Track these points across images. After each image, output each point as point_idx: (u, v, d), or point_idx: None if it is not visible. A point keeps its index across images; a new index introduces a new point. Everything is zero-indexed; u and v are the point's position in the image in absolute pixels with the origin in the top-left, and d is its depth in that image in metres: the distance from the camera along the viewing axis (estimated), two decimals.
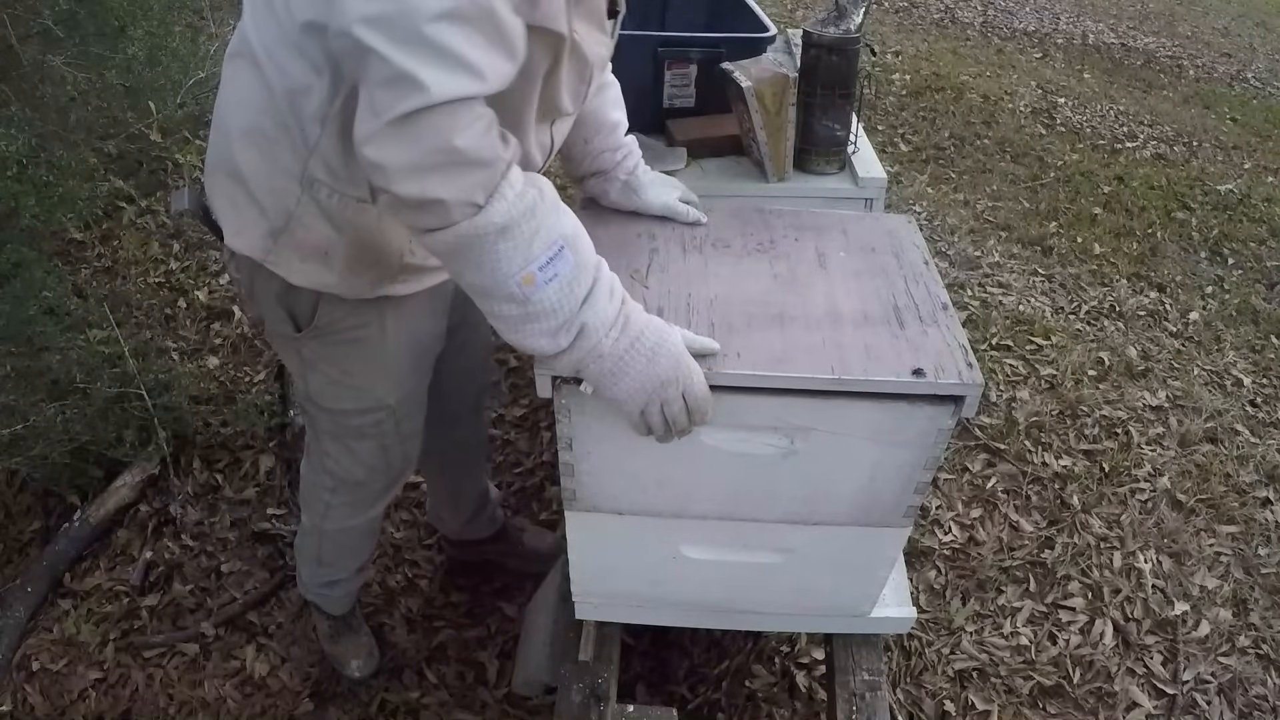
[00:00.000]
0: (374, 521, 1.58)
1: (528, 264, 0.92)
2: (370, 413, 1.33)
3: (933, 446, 1.09)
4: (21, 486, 2.06)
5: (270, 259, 1.12)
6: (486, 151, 0.88)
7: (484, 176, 0.88)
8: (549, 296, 0.93)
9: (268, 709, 1.71)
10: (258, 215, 1.09)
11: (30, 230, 2.09)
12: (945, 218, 3.43)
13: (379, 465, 1.42)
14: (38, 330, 2.00)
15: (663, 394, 0.99)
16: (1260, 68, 5.95)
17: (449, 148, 0.85)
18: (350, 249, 1.11)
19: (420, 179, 0.86)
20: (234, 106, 1.07)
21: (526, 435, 2.29)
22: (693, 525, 1.23)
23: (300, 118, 1.02)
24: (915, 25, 6.05)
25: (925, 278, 1.22)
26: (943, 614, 1.92)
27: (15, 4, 1.94)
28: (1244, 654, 1.89)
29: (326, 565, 1.63)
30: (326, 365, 1.27)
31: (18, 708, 1.70)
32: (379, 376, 1.29)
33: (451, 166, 0.86)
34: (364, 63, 0.83)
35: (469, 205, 0.88)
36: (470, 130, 0.86)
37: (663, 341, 0.99)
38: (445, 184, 0.87)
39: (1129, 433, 2.42)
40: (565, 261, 0.94)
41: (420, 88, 0.81)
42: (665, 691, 1.73)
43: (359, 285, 1.15)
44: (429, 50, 0.81)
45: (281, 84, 1.00)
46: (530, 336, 0.96)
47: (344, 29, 0.82)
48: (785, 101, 1.55)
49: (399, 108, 0.82)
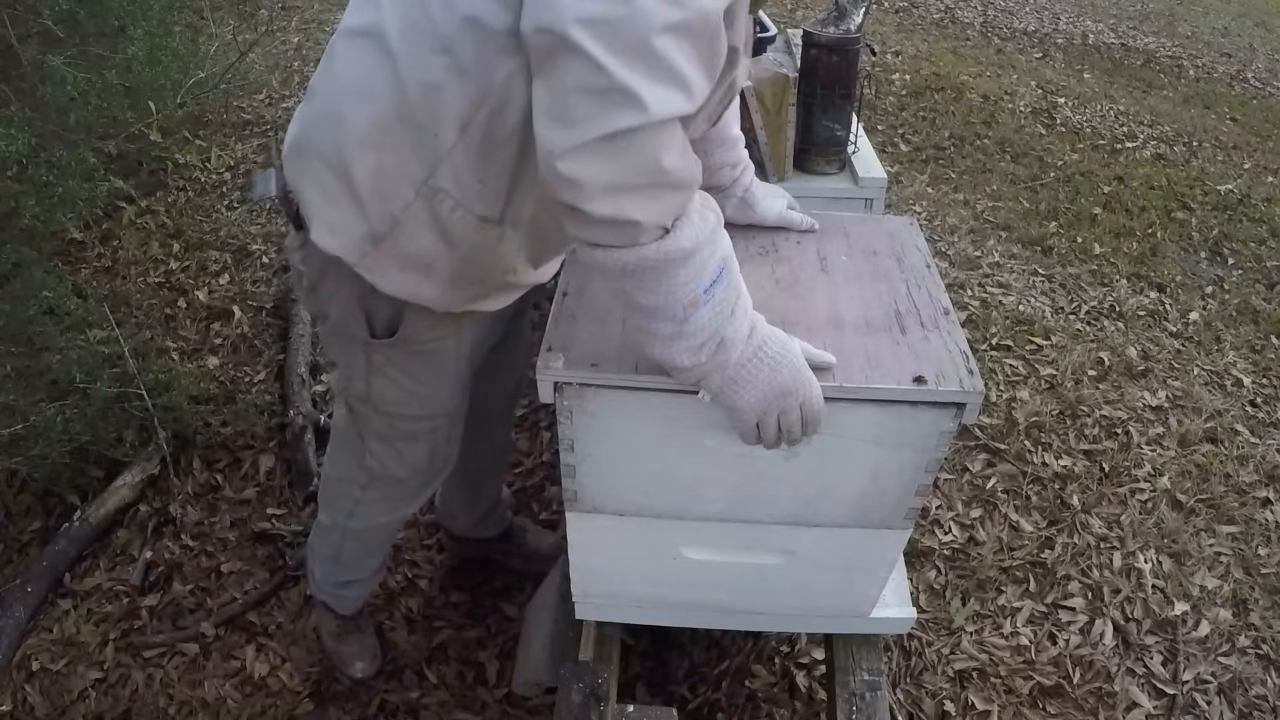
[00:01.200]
0: (400, 522, 1.57)
1: (697, 287, 0.89)
2: (430, 419, 1.31)
3: (934, 449, 1.09)
4: (21, 486, 2.06)
5: (365, 263, 1.03)
6: (686, 173, 0.84)
7: (680, 199, 0.85)
8: (705, 317, 0.91)
9: (268, 709, 1.72)
10: (357, 215, 1.00)
11: (30, 230, 2.09)
12: (945, 218, 3.43)
13: (423, 466, 1.39)
14: (38, 330, 2.00)
15: (782, 404, 0.97)
16: (1260, 68, 5.95)
17: (656, 168, 0.80)
18: (458, 265, 1.04)
19: (618, 198, 0.81)
20: (353, 93, 0.96)
21: (526, 435, 2.29)
22: (694, 526, 1.23)
23: (436, 119, 0.92)
24: (915, 25, 6.05)
25: (927, 281, 1.22)
26: (943, 614, 1.92)
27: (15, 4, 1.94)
28: (1244, 654, 1.89)
29: (345, 565, 1.61)
30: (397, 372, 1.21)
31: (18, 708, 1.70)
32: (446, 385, 1.27)
33: (654, 188, 0.82)
34: (568, 65, 0.75)
35: (659, 228, 0.84)
36: (674, 150, 0.81)
37: (785, 352, 0.97)
38: (644, 206, 0.82)
39: (1129, 433, 2.42)
40: (723, 284, 0.91)
41: (640, 105, 0.75)
42: (665, 691, 1.73)
43: (457, 299, 1.10)
44: (653, 64, 0.74)
45: (416, 78, 0.91)
46: (675, 353, 0.93)
47: (552, 26, 0.74)
48: (785, 101, 1.55)
49: (612, 124, 0.75)
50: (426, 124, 0.93)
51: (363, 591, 1.70)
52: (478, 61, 0.88)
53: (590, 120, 0.76)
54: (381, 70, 0.93)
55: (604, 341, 1.07)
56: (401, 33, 0.91)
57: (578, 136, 0.77)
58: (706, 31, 0.77)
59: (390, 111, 0.94)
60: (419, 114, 0.92)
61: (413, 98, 0.92)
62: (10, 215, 1.99)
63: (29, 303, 2.01)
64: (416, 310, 1.10)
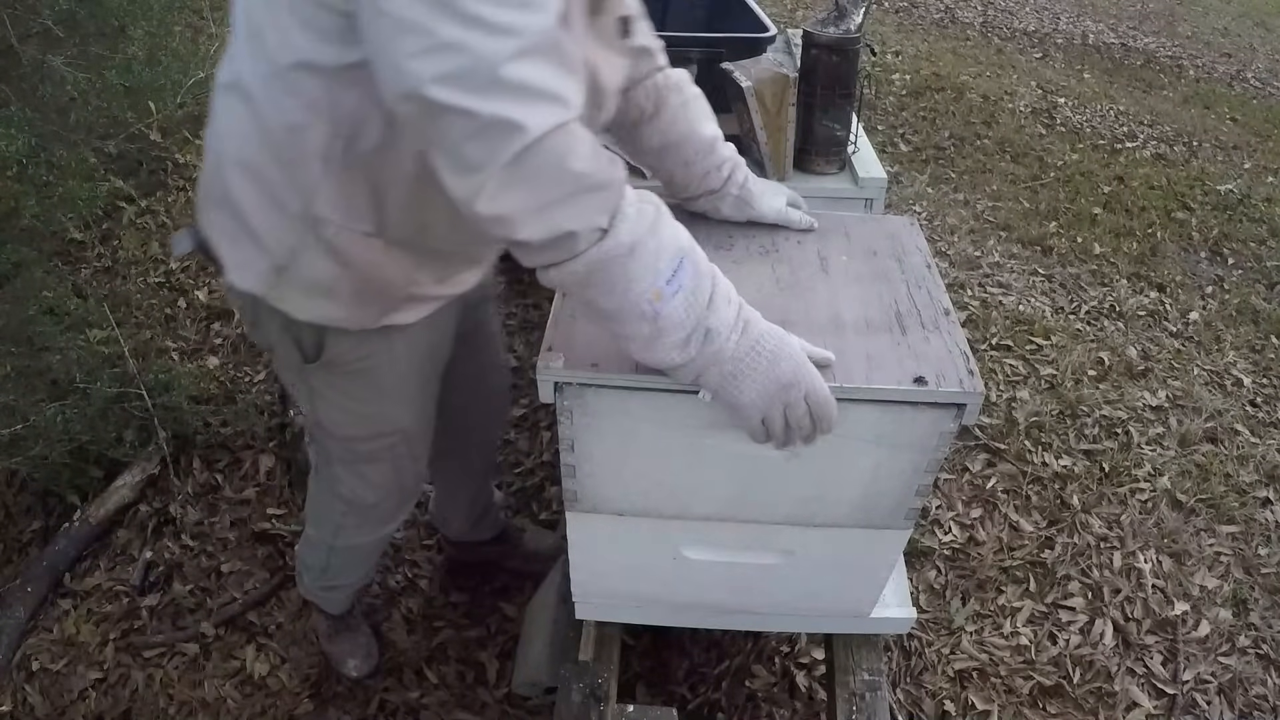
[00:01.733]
0: (385, 538, 1.59)
1: (656, 279, 0.90)
2: (383, 437, 1.32)
3: (934, 450, 1.09)
4: (21, 486, 2.06)
5: (273, 294, 1.09)
6: (602, 172, 0.86)
7: (605, 198, 0.86)
8: (677, 309, 0.92)
9: (268, 709, 1.72)
10: (258, 251, 1.06)
11: (30, 230, 2.09)
12: (945, 218, 3.43)
13: (391, 487, 1.41)
14: (38, 330, 2.00)
15: (785, 397, 0.98)
16: (1260, 68, 5.95)
17: (568, 175, 0.83)
18: (355, 283, 1.08)
19: (546, 217, 0.84)
20: (228, 141, 1.04)
21: (526, 435, 2.29)
22: (694, 526, 1.23)
23: (301, 155, 0.99)
24: (915, 25, 6.05)
25: (927, 282, 1.22)
26: (943, 614, 1.92)
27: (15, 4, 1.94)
28: (1244, 654, 1.89)
29: (332, 575, 1.63)
30: (336, 395, 1.25)
31: (18, 708, 1.70)
32: (389, 402, 1.28)
33: (574, 195, 0.84)
34: (442, 123, 0.80)
35: (595, 231, 0.86)
36: (580, 153, 0.83)
37: (783, 345, 0.98)
38: (571, 215, 0.85)
39: (1129, 433, 2.42)
40: (687, 272, 0.92)
41: (517, 127, 0.79)
42: (665, 691, 1.73)
43: (365, 317, 1.14)
44: (513, 91, 0.78)
45: (278, 121, 0.97)
46: (661, 351, 0.94)
47: (411, 92, 0.79)
48: (785, 101, 1.55)
49: (502, 154, 0.79)
50: (294, 160, 0.99)
51: (349, 592, 1.71)
52: (324, 99, 0.94)
53: (484, 160, 0.80)
54: (248, 118, 1.00)
55: (604, 341, 1.07)
56: (258, 82, 0.97)
57: (481, 179, 0.81)
58: (546, 44, 0.81)
59: (262, 154, 1.00)
60: (285, 152, 0.99)
61: (277, 139, 0.98)
62: (10, 215, 1.99)
63: (29, 303, 2.02)
64: (335, 332, 1.15)
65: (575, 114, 0.83)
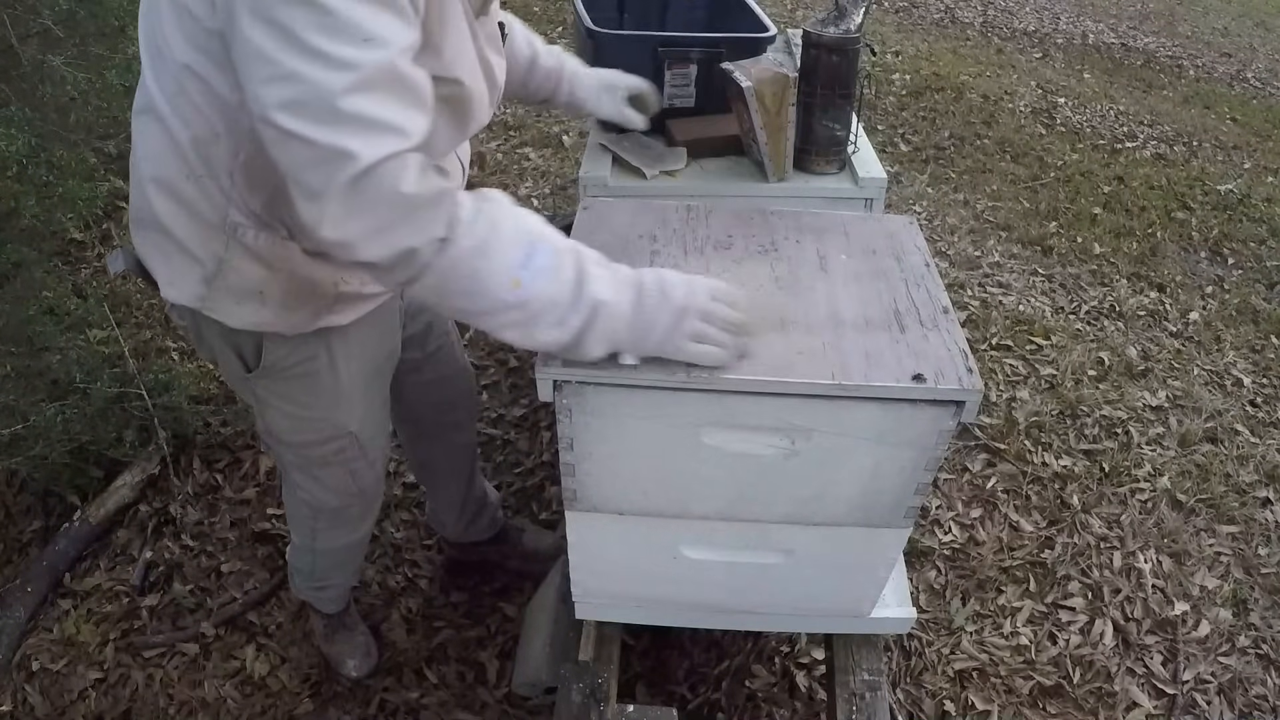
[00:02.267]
0: (365, 538, 1.60)
1: (510, 269, 0.93)
2: (332, 441, 1.32)
3: (934, 448, 1.09)
4: (21, 486, 2.06)
5: (207, 305, 1.12)
6: (431, 190, 0.89)
7: (438, 213, 0.90)
8: (542, 289, 0.94)
9: (268, 709, 1.72)
10: (189, 263, 1.09)
11: (30, 230, 2.09)
12: (945, 218, 3.43)
13: (350, 490, 1.42)
14: (38, 330, 2.00)
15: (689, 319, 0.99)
16: (1260, 68, 5.95)
17: (400, 199, 0.87)
18: (283, 285, 1.11)
19: (385, 238, 0.88)
20: (144, 162, 1.07)
21: (526, 435, 2.29)
22: (693, 526, 1.23)
23: (210, 167, 1.02)
24: (915, 25, 6.05)
25: (926, 280, 1.22)
26: (943, 614, 1.92)
27: (15, 4, 1.93)
28: (1244, 654, 1.89)
29: (319, 576, 1.66)
30: (281, 401, 1.26)
31: (18, 708, 1.70)
32: (335, 406, 1.28)
33: (407, 215, 0.88)
34: (288, 148, 0.84)
35: (435, 242, 0.90)
36: (408, 177, 0.87)
37: (660, 275, 1.01)
38: (409, 233, 0.88)
39: (1129, 433, 2.42)
40: (542, 253, 0.95)
41: (350, 156, 0.83)
42: (665, 691, 1.73)
43: (297, 320, 1.15)
44: (349, 122, 0.83)
45: (185, 135, 1.01)
46: (541, 333, 0.96)
47: (264, 117, 0.84)
48: (785, 101, 1.55)
49: (336, 181, 0.84)
50: (205, 172, 1.03)
51: (341, 593, 1.72)
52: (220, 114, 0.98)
53: (323, 187, 0.84)
54: (160, 136, 1.03)
55: None
56: (164, 100, 1.01)
57: (321, 205, 0.85)
58: (385, 79, 0.84)
59: (177, 169, 1.04)
60: (196, 166, 1.03)
61: (187, 153, 1.02)
62: (10, 215, 1.98)
63: (29, 303, 2.01)
64: (273, 338, 1.17)
65: (413, 143, 0.87)
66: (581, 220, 1.30)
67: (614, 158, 1.66)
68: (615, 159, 1.65)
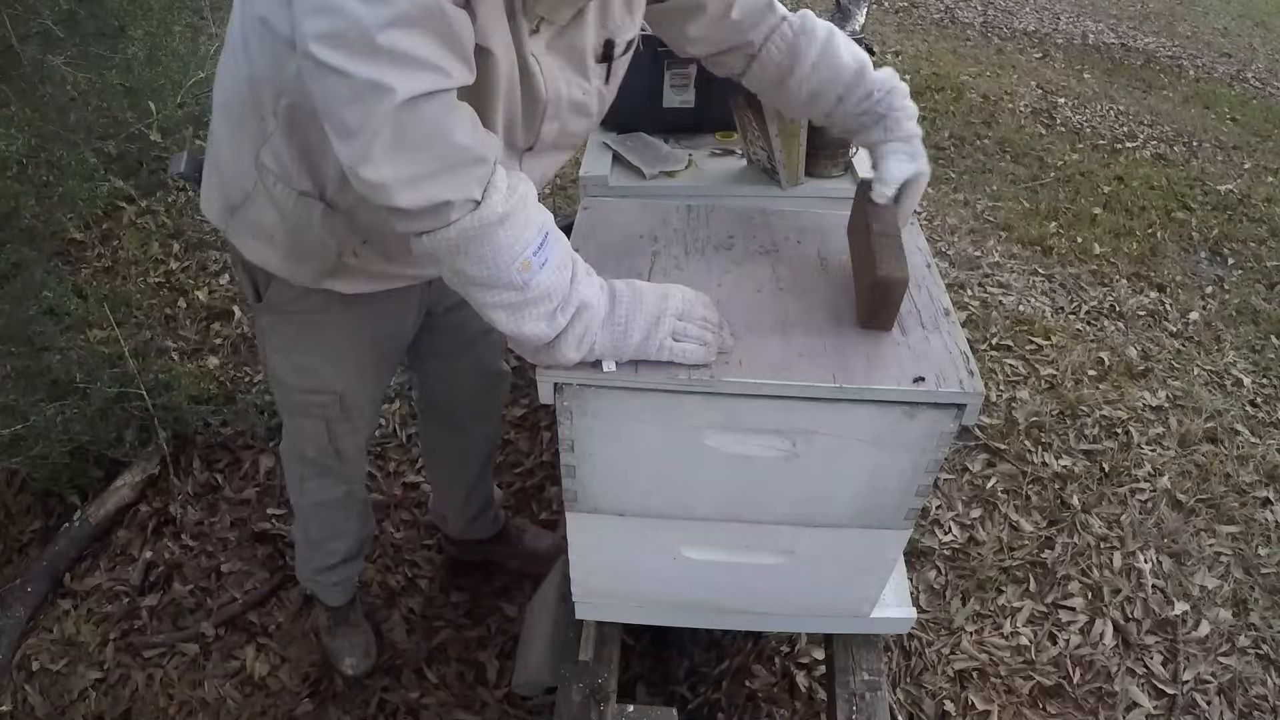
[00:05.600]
0: (347, 501, 1.58)
1: (525, 250, 0.93)
2: (317, 394, 1.36)
3: (934, 450, 1.09)
4: (21, 486, 2.06)
5: (229, 230, 1.18)
6: (481, 146, 0.89)
7: (481, 172, 0.89)
8: (545, 279, 0.95)
9: (268, 709, 1.72)
10: (220, 187, 1.16)
11: (30, 230, 2.09)
12: (945, 218, 3.43)
13: (325, 448, 1.45)
14: (38, 330, 2.01)
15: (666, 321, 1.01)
16: (1260, 68, 5.95)
17: (450, 146, 0.86)
18: (290, 238, 1.14)
19: (423, 186, 0.87)
20: (220, 85, 1.13)
21: (526, 435, 2.29)
22: (694, 526, 1.23)
23: (260, 106, 1.05)
24: (915, 25, 6.05)
25: (927, 281, 1.22)
26: (943, 614, 1.92)
27: (15, 4, 1.94)
28: (1244, 654, 1.89)
29: (314, 546, 1.66)
30: (277, 339, 1.32)
31: (18, 708, 1.70)
32: (326, 362, 1.33)
33: (454, 167, 0.87)
34: (325, 83, 0.83)
35: (469, 201, 0.89)
36: (464, 125, 0.87)
37: (630, 284, 1.03)
38: (449, 185, 0.88)
39: (1129, 433, 2.42)
40: (552, 246, 0.96)
41: (387, 90, 0.81)
42: (665, 691, 1.73)
43: (301, 273, 1.19)
44: (388, 57, 0.81)
45: (249, 71, 1.04)
46: (528, 321, 0.97)
47: (305, 50, 0.82)
48: None
49: (375, 116, 0.82)
50: (253, 110, 1.06)
51: (342, 578, 1.71)
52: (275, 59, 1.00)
53: (361, 124, 0.83)
54: (233, 65, 1.08)
55: None
56: (245, 33, 1.04)
57: (361, 144, 0.84)
58: (424, 16, 0.82)
59: (235, 99, 1.09)
60: (248, 101, 1.06)
61: (242, 88, 1.06)
62: (10, 215, 1.99)
63: (29, 303, 2.02)
64: (278, 280, 1.21)
65: (453, 84, 0.86)
66: (581, 220, 1.30)
67: (614, 157, 1.65)
68: (616, 158, 1.65)
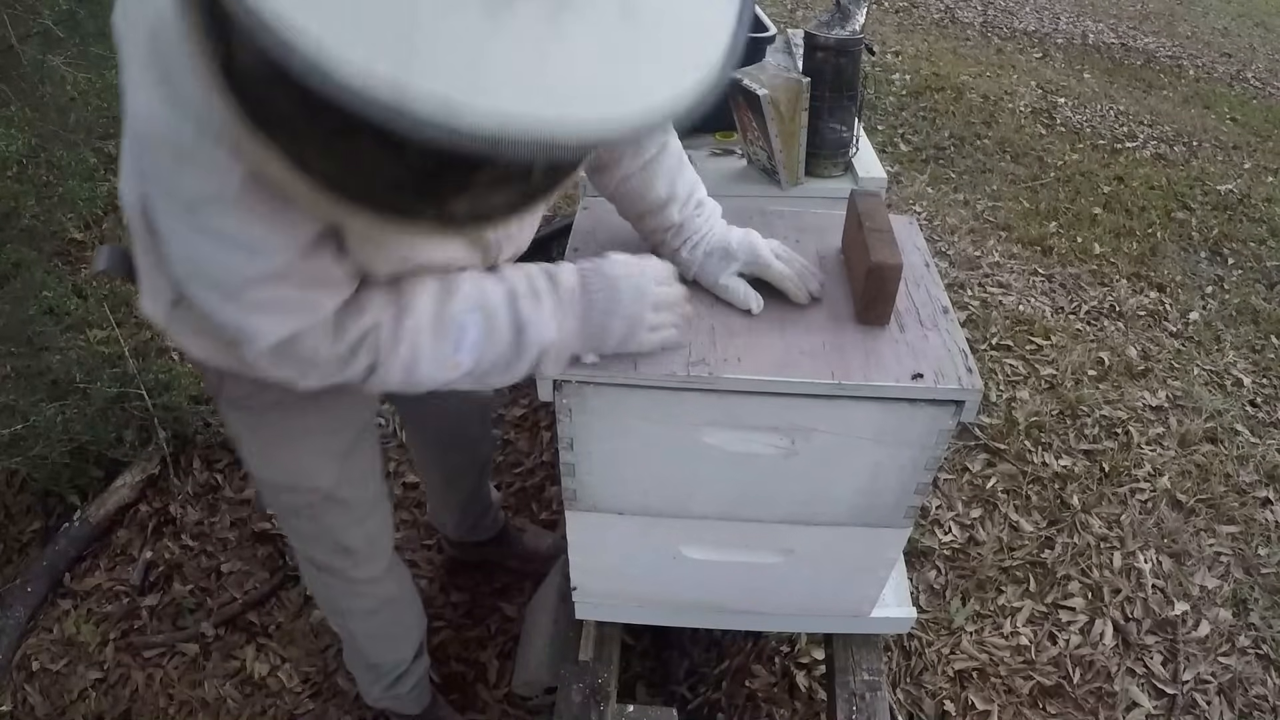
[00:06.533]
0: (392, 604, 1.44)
1: (442, 360, 0.94)
2: (298, 493, 1.21)
3: (934, 447, 1.09)
4: (21, 486, 2.06)
5: (171, 329, 1.06)
6: (346, 345, 0.90)
7: (361, 353, 0.91)
8: (480, 358, 0.95)
9: (268, 709, 1.72)
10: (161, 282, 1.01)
11: (30, 230, 2.09)
12: (945, 218, 3.43)
13: (331, 547, 1.29)
14: (38, 330, 2.00)
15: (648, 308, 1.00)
16: (1260, 68, 5.95)
17: (319, 361, 0.89)
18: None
19: (315, 378, 0.92)
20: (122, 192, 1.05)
21: (526, 435, 2.29)
22: (693, 525, 1.23)
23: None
24: (915, 25, 6.05)
25: (926, 280, 1.22)
26: (943, 614, 1.92)
27: (15, 4, 1.93)
28: (1244, 654, 1.89)
29: (375, 666, 1.51)
30: (248, 435, 1.19)
31: (18, 708, 1.70)
32: (300, 454, 1.18)
33: (330, 366, 0.91)
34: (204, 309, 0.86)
35: (364, 371, 0.92)
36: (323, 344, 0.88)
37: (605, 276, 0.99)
38: (338, 374, 0.92)
39: (1129, 433, 2.42)
40: (472, 329, 0.94)
41: (255, 335, 0.85)
42: (665, 691, 1.73)
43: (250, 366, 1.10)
44: (252, 308, 0.83)
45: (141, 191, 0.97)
46: (494, 383, 0.99)
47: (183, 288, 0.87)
48: (798, 107, 1.54)
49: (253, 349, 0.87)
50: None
51: (416, 680, 1.57)
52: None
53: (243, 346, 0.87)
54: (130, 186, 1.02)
55: None
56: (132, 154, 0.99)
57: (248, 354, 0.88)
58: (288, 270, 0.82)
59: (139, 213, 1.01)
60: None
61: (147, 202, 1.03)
62: (10, 215, 1.99)
63: (29, 303, 2.01)
64: (230, 375, 1.10)
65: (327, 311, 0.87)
66: (581, 220, 1.30)
67: None
68: None
